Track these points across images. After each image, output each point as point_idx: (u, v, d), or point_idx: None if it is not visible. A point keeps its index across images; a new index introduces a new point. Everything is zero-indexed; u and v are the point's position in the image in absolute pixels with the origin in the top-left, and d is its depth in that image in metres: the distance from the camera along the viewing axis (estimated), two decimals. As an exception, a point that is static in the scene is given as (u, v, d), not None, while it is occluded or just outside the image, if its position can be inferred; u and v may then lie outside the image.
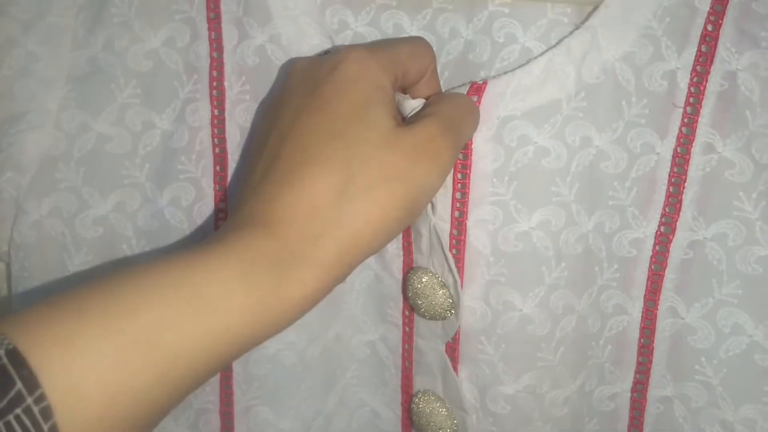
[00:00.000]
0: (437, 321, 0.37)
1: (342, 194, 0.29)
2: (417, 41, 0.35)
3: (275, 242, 0.28)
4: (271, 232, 0.28)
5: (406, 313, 0.38)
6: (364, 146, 0.30)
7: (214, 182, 0.38)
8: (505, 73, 0.35)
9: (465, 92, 0.35)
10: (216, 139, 0.38)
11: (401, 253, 0.38)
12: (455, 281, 0.36)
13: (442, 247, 0.35)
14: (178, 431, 0.39)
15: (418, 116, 0.32)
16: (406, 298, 0.38)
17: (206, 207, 0.38)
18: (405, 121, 0.33)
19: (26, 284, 0.38)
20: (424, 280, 0.36)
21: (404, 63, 0.33)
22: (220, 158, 0.38)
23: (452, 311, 0.36)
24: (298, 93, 0.32)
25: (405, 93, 0.34)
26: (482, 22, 0.36)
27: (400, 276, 0.38)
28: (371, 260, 0.39)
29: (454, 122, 0.32)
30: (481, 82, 0.35)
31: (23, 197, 0.37)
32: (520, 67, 0.35)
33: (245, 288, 0.27)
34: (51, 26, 0.37)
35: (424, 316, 0.37)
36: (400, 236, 0.38)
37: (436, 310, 0.36)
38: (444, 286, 0.36)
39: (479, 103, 0.35)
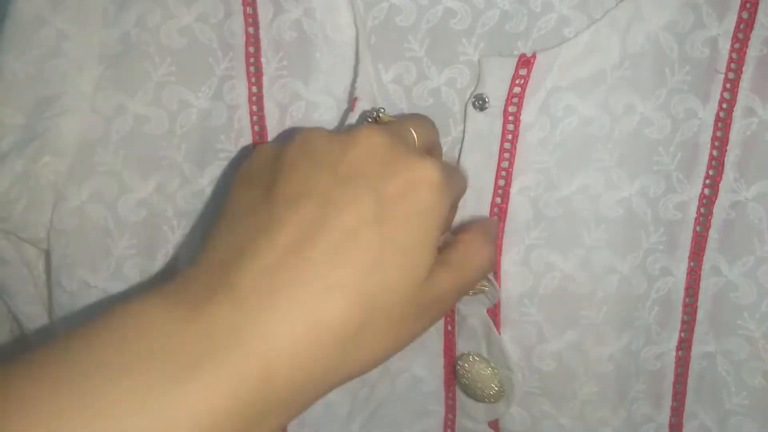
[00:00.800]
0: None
1: (349, 336, 0.27)
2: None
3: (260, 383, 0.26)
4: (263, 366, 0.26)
5: None
6: (393, 295, 0.28)
7: None
8: (554, 46, 0.36)
9: (514, 64, 0.35)
10: (255, 117, 0.37)
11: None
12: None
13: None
14: None
15: (437, 259, 0.30)
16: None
17: None
18: None
19: (69, 271, 0.37)
20: None
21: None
22: (260, 136, 0.37)
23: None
24: (352, 181, 0.28)
25: None
26: None
27: None
28: None
29: (469, 278, 0.32)
30: (530, 55, 0.35)
31: (62, 183, 0.36)
32: (567, 40, 0.35)
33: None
34: (80, 3, 0.36)
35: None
36: None
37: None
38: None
39: (528, 77, 0.35)
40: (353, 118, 0.36)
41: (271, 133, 0.37)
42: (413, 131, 0.32)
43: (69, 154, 0.36)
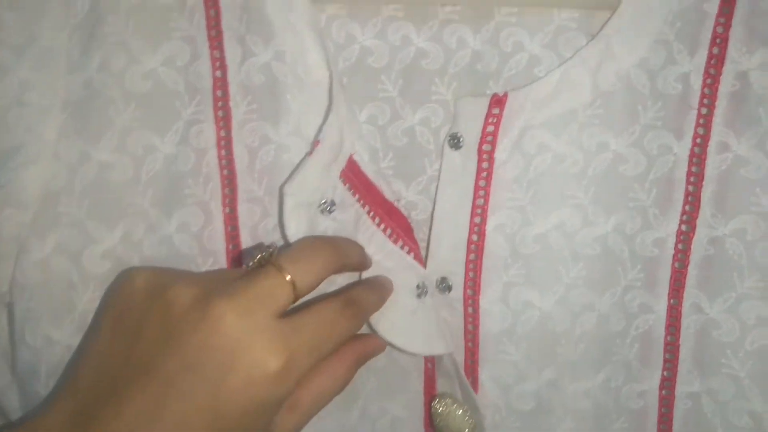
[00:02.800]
0: None
1: None
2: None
3: None
4: None
5: None
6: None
7: (223, 205, 0.37)
8: (524, 85, 0.35)
9: (486, 103, 0.35)
10: (223, 161, 0.37)
11: None
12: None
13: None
14: None
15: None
16: None
17: (216, 231, 0.37)
18: None
19: (32, 326, 0.35)
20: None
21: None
22: (229, 180, 0.37)
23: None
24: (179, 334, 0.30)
25: None
26: (489, 32, 0.37)
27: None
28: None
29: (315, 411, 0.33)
30: (501, 95, 0.35)
31: (25, 235, 0.35)
32: (538, 79, 0.35)
33: None
34: (44, 50, 0.35)
35: None
36: None
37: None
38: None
39: (501, 116, 0.35)
40: (312, 162, 0.35)
41: (241, 176, 0.37)
42: (294, 280, 0.31)
43: (32, 206, 0.35)
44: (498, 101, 0.35)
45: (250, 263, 0.32)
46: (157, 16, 0.36)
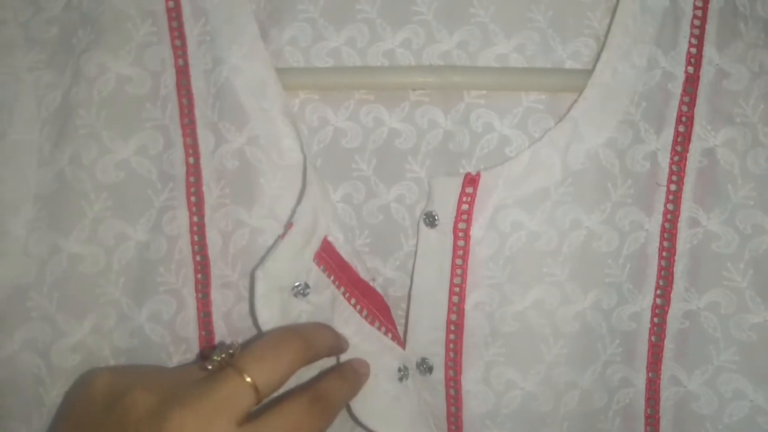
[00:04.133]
0: None
1: None
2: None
3: None
4: None
5: None
6: None
7: (196, 290, 0.36)
8: (496, 165, 0.36)
9: (460, 182, 0.36)
10: (196, 246, 0.36)
11: None
12: None
13: None
14: None
15: None
16: None
17: (189, 317, 0.36)
18: None
19: (1, 424, 0.34)
20: None
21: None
22: (202, 265, 0.36)
23: None
24: None
25: None
26: (459, 113, 0.37)
27: None
28: None
29: None
30: (474, 174, 0.36)
31: None
32: (509, 159, 0.36)
33: None
34: (14, 145, 0.34)
35: None
36: None
37: None
38: None
39: (474, 195, 0.36)
40: (285, 245, 0.34)
41: (214, 261, 0.36)
42: (255, 382, 0.30)
43: (0, 303, 0.34)
44: (471, 180, 0.36)
45: (209, 366, 0.31)
46: (130, 107, 0.36)
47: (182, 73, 0.36)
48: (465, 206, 0.36)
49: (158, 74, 0.36)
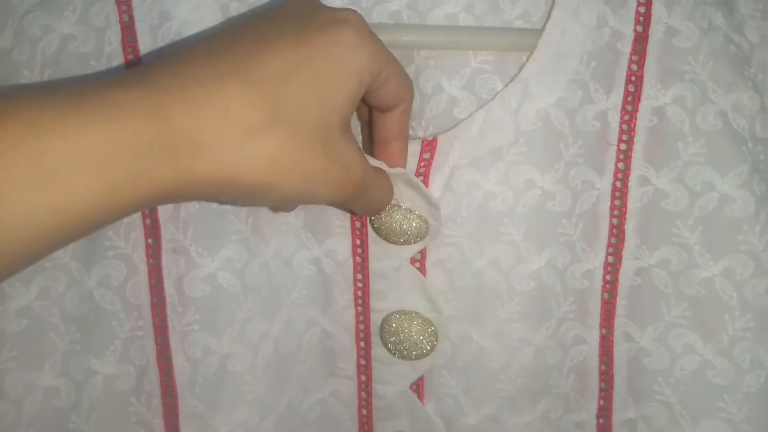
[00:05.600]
0: (406, 361, 0.37)
1: (254, 131, 0.27)
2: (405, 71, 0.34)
3: (155, 130, 0.26)
4: (158, 119, 0.26)
5: (362, 362, 0.39)
6: (302, 112, 0.28)
7: (147, 255, 0.36)
8: (451, 127, 0.36)
9: (419, 147, 0.36)
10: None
11: (353, 304, 0.38)
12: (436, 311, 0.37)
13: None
14: (104, 368, 0.36)
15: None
16: (369, 343, 0.38)
17: (140, 283, 0.36)
18: None
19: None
20: (396, 318, 0.37)
21: (390, 72, 0.32)
22: (152, 229, 0.36)
23: (433, 342, 0.37)
24: (286, 17, 0.30)
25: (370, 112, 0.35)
26: (410, 74, 0.37)
27: (353, 327, 0.38)
28: (317, 316, 0.38)
29: (372, 185, 0.32)
30: (431, 138, 0.36)
31: None
32: (462, 121, 0.36)
33: (97, 167, 0.25)
34: None
35: (394, 355, 0.37)
36: (349, 287, 0.38)
37: (415, 345, 0.37)
38: (420, 319, 0.37)
39: (431, 159, 0.36)
40: None
41: (164, 225, 0.36)
42: None
43: None
44: (428, 144, 0.36)
45: None
46: (74, 66, 0.35)
47: (127, 29, 0.36)
48: (422, 169, 0.36)
49: (102, 30, 0.36)
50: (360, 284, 0.38)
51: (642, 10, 0.36)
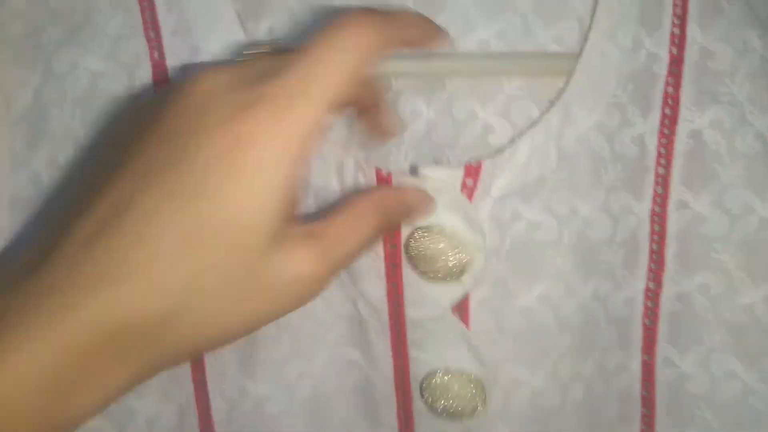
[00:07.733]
0: (453, 419, 0.36)
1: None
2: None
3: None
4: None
5: (402, 415, 0.37)
6: (215, 277, 0.24)
7: None
8: (495, 153, 0.35)
9: (461, 173, 0.34)
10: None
11: (390, 353, 0.36)
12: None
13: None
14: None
15: (299, 231, 0.27)
16: (410, 397, 0.37)
17: None
18: None
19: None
20: (439, 376, 0.35)
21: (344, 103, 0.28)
22: None
23: (483, 396, 0.35)
24: (169, 147, 0.26)
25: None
26: (442, 102, 0.36)
27: (391, 376, 0.37)
28: (359, 358, 0.37)
29: (343, 255, 0.28)
30: (475, 164, 0.34)
31: None
32: (505, 147, 0.35)
33: None
34: None
35: (441, 416, 0.36)
36: (386, 333, 0.36)
37: (461, 402, 0.35)
38: (466, 376, 0.35)
39: (474, 187, 0.34)
40: None
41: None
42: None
43: None
44: (472, 170, 0.34)
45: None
46: (104, 104, 0.34)
47: (159, 66, 0.35)
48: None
49: (132, 68, 0.35)
50: (396, 332, 0.36)
51: (677, 31, 0.35)
